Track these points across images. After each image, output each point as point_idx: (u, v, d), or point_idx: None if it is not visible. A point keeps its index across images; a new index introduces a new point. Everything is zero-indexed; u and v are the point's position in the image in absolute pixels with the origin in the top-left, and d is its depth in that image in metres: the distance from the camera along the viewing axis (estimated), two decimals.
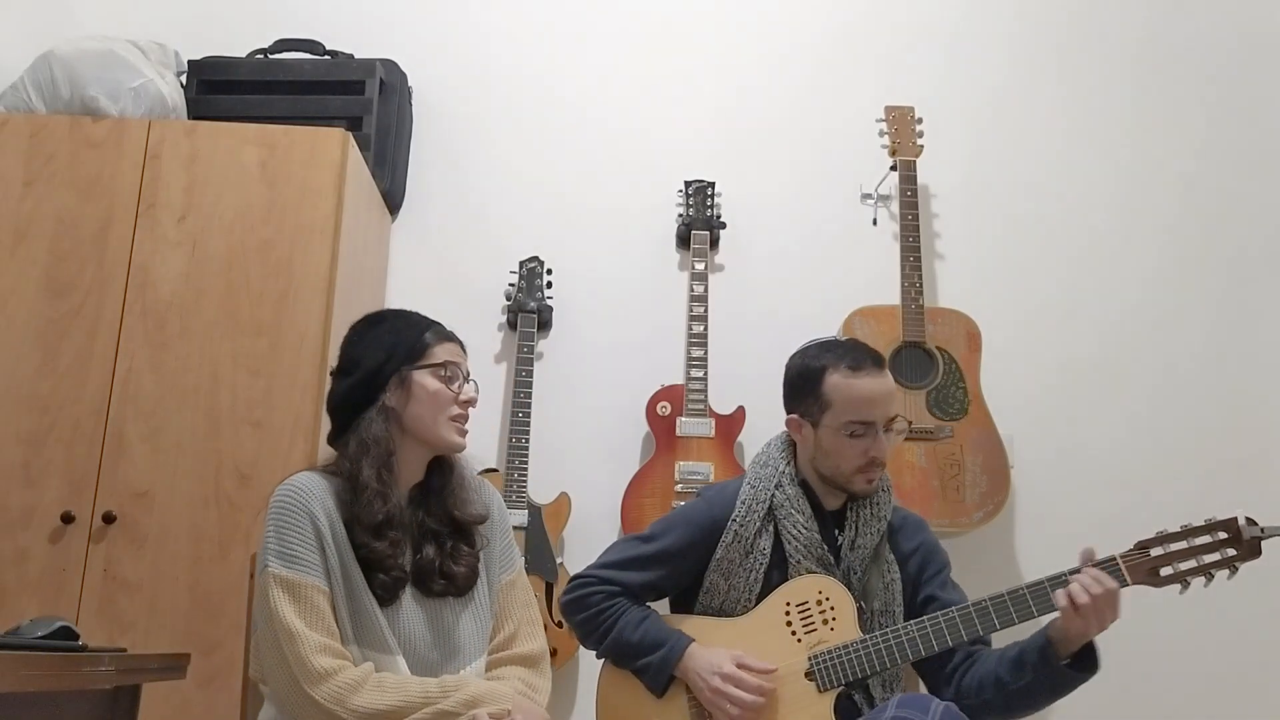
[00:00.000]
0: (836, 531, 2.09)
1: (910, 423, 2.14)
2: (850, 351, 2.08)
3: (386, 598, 1.70)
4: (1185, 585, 1.88)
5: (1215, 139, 3.28)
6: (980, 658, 2.00)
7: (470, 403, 1.81)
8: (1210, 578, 1.88)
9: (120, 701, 1.69)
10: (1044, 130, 3.30)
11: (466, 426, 1.82)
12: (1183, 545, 1.88)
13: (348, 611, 1.66)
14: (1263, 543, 1.86)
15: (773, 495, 2.07)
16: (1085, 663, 1.89)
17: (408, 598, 1.73)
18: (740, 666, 1.94)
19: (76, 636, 1.58)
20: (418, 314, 1.86)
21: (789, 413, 2.14)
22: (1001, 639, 2.01)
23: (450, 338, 1.84)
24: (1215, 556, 1.87)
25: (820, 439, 2.06)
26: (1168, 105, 3.31)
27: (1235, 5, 3.37)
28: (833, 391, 2.04)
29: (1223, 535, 1.88)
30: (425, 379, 1.78)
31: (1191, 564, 1.88)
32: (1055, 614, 1.89)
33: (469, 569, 1.79)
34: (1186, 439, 3.08)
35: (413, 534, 1.77)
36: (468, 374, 1.84)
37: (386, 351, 1.78)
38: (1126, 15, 3.38)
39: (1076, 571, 1.88)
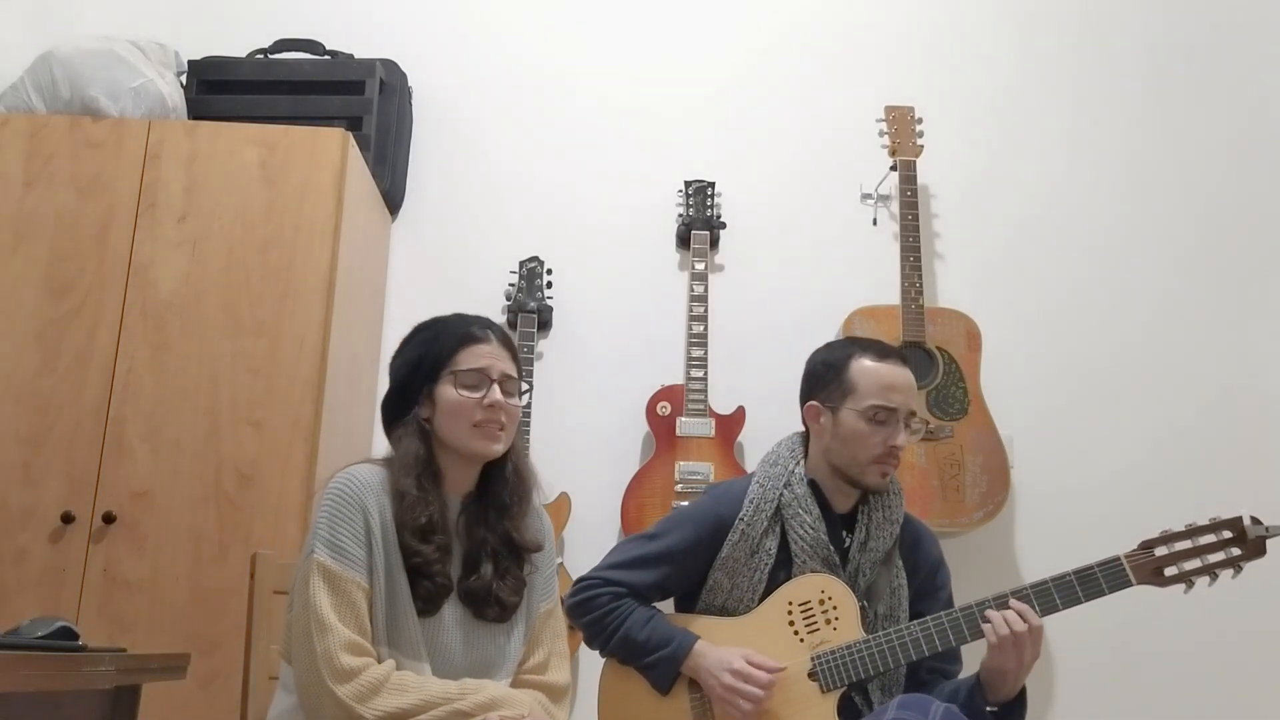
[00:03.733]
0: (845, 533, 2.08)
1: (927, 423, 2.13)
2: (876, 344, 2.12)
3: (428, 609, 1.69)
4: (1190, 585, 1.87)
5: (1216, 139, 3.28)
6: (930, 689, 1.99)
7: (494, 407, 1.75)
8: (1215, 577, 1.87)
9: (120, 701, 1.68)
10: (1044, 130, 3.31)
11: (499, 431, 1.76)
12: (1187, 545, 1.88)
13: (385, 613, 1.66)
14: (1268, 541, 1.86)
15: (781, 495, 2.06)
16: (1014, 712, 1.89)
17: (450, 613, 1.72)
18: (749, 662, 1.94)
19: (76, 636, 1.58)
20: (459, 318, 1.83)
21: (808, 402, 2.11)
22: None
23: (480, 338, 1.79)
24: (1220, 556, 1.87)
25: (840, 425, 2.04)
26: (1168, 105, 3.31)
27: (1237, 5, 3.37)
28: (859, 375, 2.04)
29: (1228, 534, 1.87)
30: (446, 391, 1.76)
31: (1196, 563, 1.87)
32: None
33: (518, 595, 1.78)
34: (1187, 438, 3.08)
35: (465, 546, 1.76)
36: (504, 376, 1.78)
37: (412, 366, 1.79)
38: (1127, 15, 3.38)
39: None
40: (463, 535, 1.78)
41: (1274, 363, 3.13)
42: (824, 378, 2.09)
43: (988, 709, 1.87)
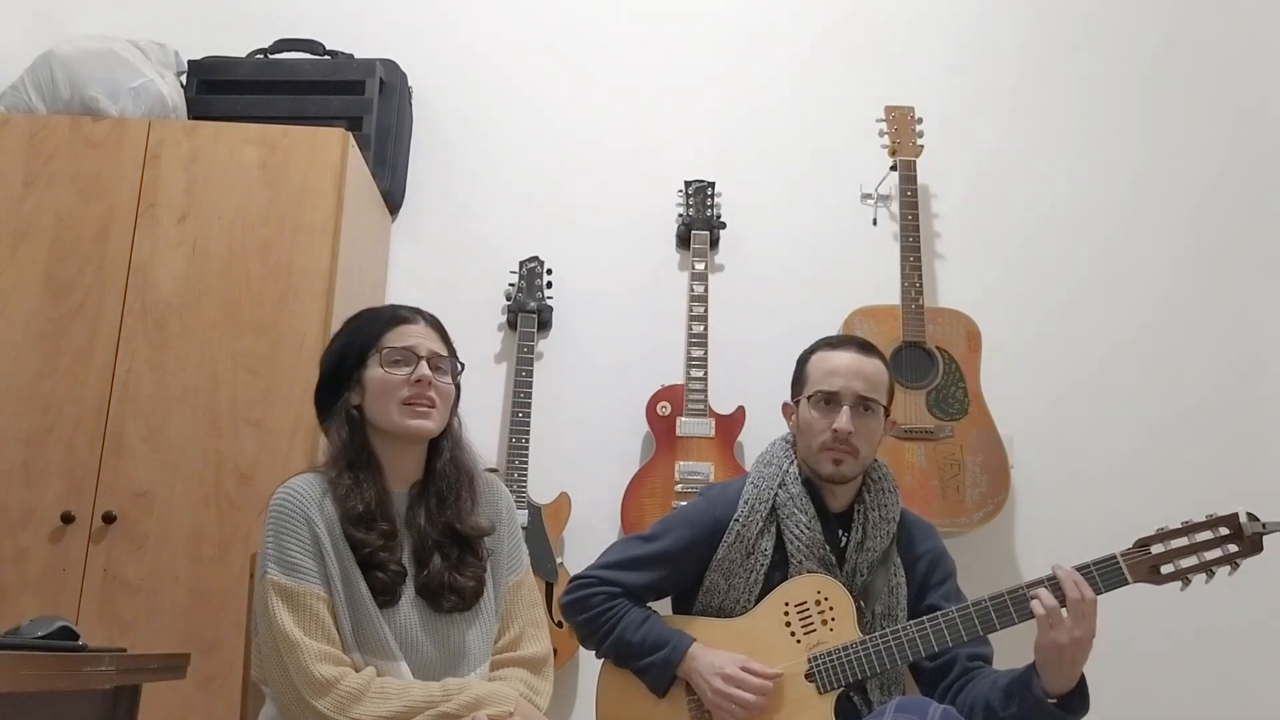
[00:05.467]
0: (841, 532, 2.07)
1: (886, 409, 2.11)
2: (838, 336, 2.18)
3: (387, 599, 1.68)
4: (1186, 582, 1.87)
5: (1214, 139, 3.28)
6: (976, 676, 1.98)
7: (422, 382, 1.74)
8: (1211, 574, 1.86)
9: (120, 701, 1.69)
10: (1044, 130, 3.30)
11: (428, 409, 1.75)
12: (1184, 542, 1.87)
13: (349, 618, 1.65)
14: (1264, 538, 1.85)
15: (775, 495, 2.07)
16: (1074, 703, 1.84)
17: (410, 604, 1.71)
18: (743, 669, 1.93)
19: (76, 636, 1.58)
20: (387, 307, 1.84)
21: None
22: (1009, 642, 2.00)
23: (407, 320, 1.80)
24: (1217, 553, 1.86)
25: (799, 418, 2.10)
26: (1167, 105, 3.31)
27: (1233, 5, 3.37)
28: (811, 366, 2.11)
29: (1224, 531, 1.86)
30: (372, 371, 1.76)
31: (1193, 561, 1.86)
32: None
33: (477, 582, 1.76)
34: (1187, 438, 3.08)
35: (414, 539, 1.75)
36: (433, 353, 1.78)
37: (340, 355, 1.80)
38: (1126, 16, 3.38)
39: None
40: (409, 528, 1.76)
41: (1273, 364, 3.13)
42: (795, 377, 2.16)
43: (1049, 700, 1.82)
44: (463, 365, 1.85)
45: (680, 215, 3.19)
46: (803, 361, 2.15)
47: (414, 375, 1.75)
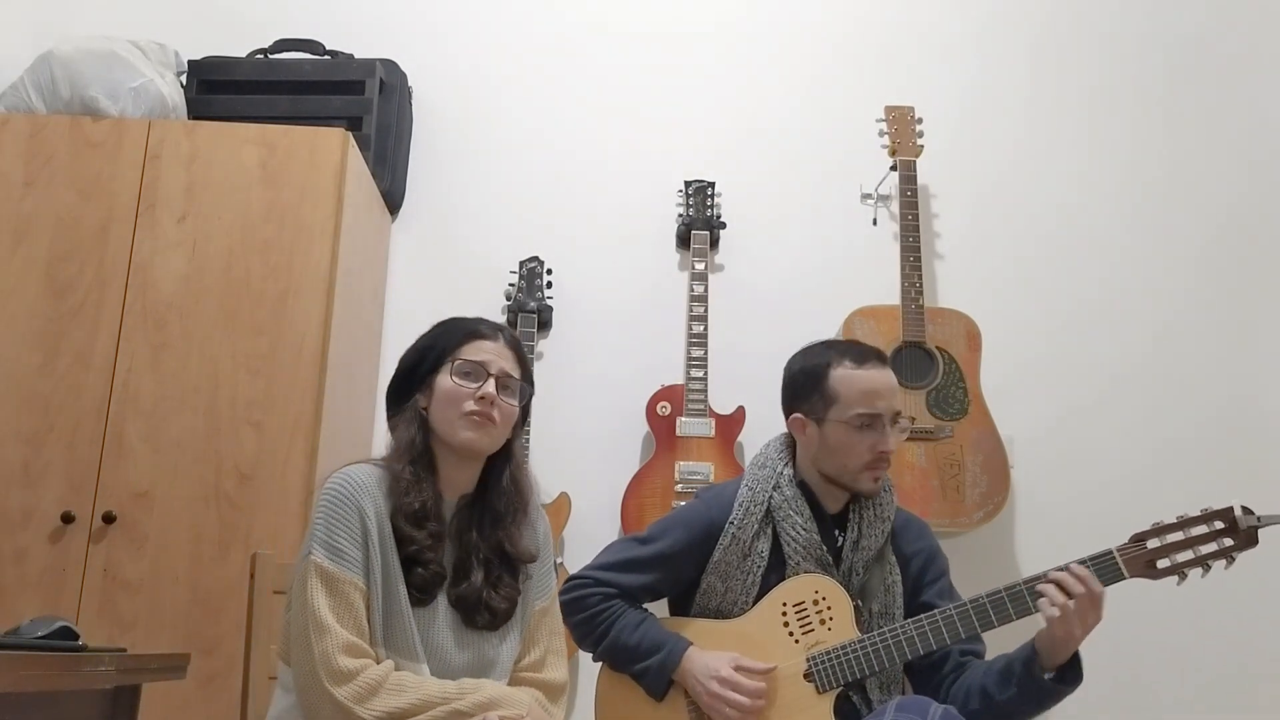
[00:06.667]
0: (837, 532, 2.07)
1: (913, 419, 2.11)
2: (852, 347, 2.10)
3: (423, 598, 1.70)
4: (1183, 577, 1.88)
5: (1216, 139, 3.28)
6: (969, 668, 1.99)
7: (486, 399, 1.76)
8: (1207, 568, 1.88)
9: (120, 701, 1.69)
10: (1045, 129, 3.30)
11: (488, 424, 1.76)
12: (1179, 536, 1.88)
13: (381, 614, 1.66)
14: (1259, 531, 1.86)
15: (771, 497, 2.06)
16: (1069, 675, 1.87)
17: (443, 613, 1.72)
18: (738, 669, 1.93)
19: (76, 636, 1.58)
20: (473, 319, 1.85)
21: (791, 414, 2.11)
22: (1000, 637, 2.01)
23: (486, 335, 1.82)
24: (1212, 547, 1.87)
25: (826, 436, 2.04)
26: (1173, 107, 3.31)
27: (1247, 11, 3.36)
28: (839, 384, 2.03)
29: (1219, 525, 1.88)
30: (443, 380, 1.78)
31: (1188, 555, 1.88)
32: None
33: (510, 604, 1.78)
34: (1186, 438, 3.08)
35: (456, 550, 1.76)
36: (504, 373, 1.79)
37: (419, 355, 1.82)
38: (1128, 16, 3.38)
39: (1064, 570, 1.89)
40: (455, 538, 1.77)
41: (1274, 360, 3.13)
42: (804, 388, 2.08)
43: (1045, 676, 1.86)
44: (533, 390, 1.89)
45: (680, 215, 3.19)
46: (818, 376, 2.06)
47: (479, 390, 1.76)
